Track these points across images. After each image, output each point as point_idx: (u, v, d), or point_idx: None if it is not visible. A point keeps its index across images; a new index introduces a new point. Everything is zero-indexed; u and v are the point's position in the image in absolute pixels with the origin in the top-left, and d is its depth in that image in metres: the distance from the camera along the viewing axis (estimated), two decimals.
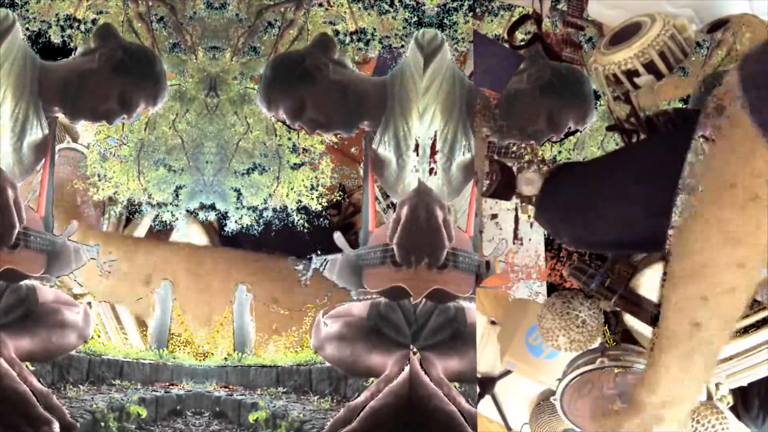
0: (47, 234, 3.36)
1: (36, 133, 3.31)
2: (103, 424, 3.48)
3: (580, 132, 3.51)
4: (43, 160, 3.39)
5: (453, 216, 3.46)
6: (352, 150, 3.91)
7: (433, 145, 3.34)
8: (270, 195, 3.62)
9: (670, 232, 1.92)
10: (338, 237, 3.46)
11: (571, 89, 3.38)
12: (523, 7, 3.51)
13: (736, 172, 1.58)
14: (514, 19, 3.53)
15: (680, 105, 2.86)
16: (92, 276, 3.91)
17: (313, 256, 3.53)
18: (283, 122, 3.42)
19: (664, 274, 1.80)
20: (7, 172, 3.24)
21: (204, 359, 4.18)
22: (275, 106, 3.36)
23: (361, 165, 3.59)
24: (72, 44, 3.53)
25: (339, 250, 3.47)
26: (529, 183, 2.88)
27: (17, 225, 3.21)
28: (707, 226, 1.63)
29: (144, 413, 3.69)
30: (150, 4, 3.50)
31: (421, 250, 3.28)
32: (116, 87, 3.31)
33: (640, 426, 1.79)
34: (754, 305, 2.53)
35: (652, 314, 2.45)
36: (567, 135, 3.45)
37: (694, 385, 1.77)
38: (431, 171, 3.33)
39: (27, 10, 3.49)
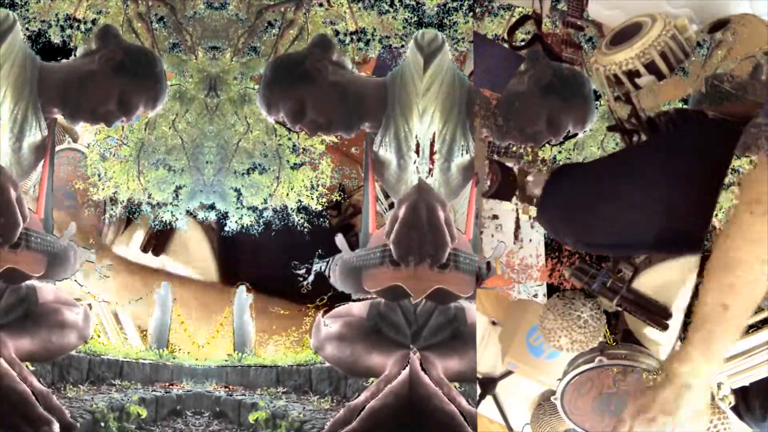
0: (48, 235, 3.36)
1: (35, 134, 3.30)
2: (103, 424, 3.48)
3: (579, 135, 3.51)
4: (42, 162, 3.39)
5: (453, 217, 3.46)
6: (353, 150, 3.91)
7: (432, 146, 3.34)
8: (270, 195, 3.62)
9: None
10: (340, 239, 3.46)
11: (572, 91, 3.38)
12: (523, 7, 3.52)
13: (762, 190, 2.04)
14: (514, 19, 3.53)
15: (681, 105, 2.86)
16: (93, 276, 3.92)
17: (316, 260, 3.53)
18: (284, 125, 3.42)
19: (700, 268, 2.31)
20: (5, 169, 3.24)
21: (204, 359, 4.18)
22: (275, 109, 3.36)
23: (362, 166, 3.59)
24: (72, 44, 3.52)
25: (339, 251, 3.48)
26: (537, 184, 2.88)
27: (20, 223, 3.21)
28: (739, 229, 2.08)
29: (144, 413, 3.69)
30: (150, 4, 3.49)
31: (422, 248, 3.27)
32: (116, 89, 3.30)
33: (672, 393, 2.15)
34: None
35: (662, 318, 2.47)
36: (566, 138, 3.45)
37: (717, 359, 2.16)
38: (429, 171, 3.33)
39: (27, 10, 3.48)
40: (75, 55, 3.43)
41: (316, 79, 3.35)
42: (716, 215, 2.37)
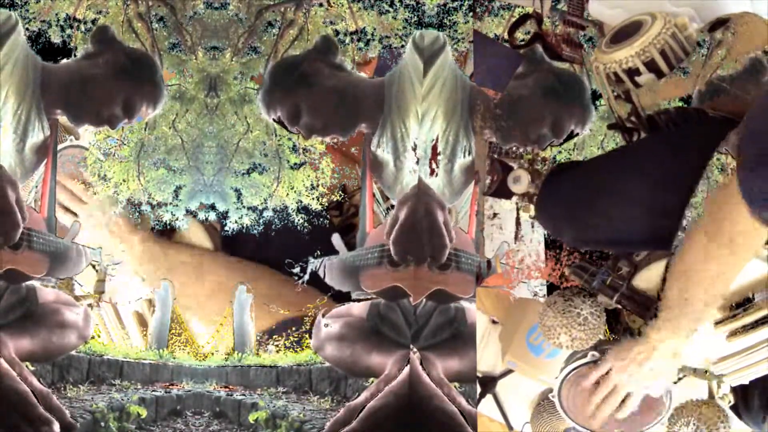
0: (50, 235, 3.36)
1: (38, 134, 3.30)
2: (103, 424, 3.48)
3: (579, 136, 3.51)
4: (45, 162, 3.39)
5: (454, 217, 3.46)
6: (353, 150, 3.91)
7: (435, 148, 3.34)
8: (270, 195, 3.62)
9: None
10: (336, 239, 3.46)
11: (573, 95, 3.39)
12: (523, 7, 3.52)
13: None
14: (514, 19, 3.53)
15: (681, 104, 2.86)
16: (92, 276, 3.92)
17: (310, 258, 3.53)
18: (283, 126, 3.43)
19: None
20: (9, 172, 3.23)
21: (204, 359, 4.18)
22: (274, 111, 3.38)
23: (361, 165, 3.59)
24: (72, 44, 3.52)
25: (338, 251, 3.48)
26: (517, 180, 2.89)
27: (21, 224, 3.20)
28: (694, 250, 2.35)
29: (144, 413, 3.68)
30: (150, 4, 3.49)
31: (421, 249, 3.27)
32: (121, 93, 3.30)
33: (643, 349, 2.48)
34: (749, 304, 2.56)
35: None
36: (567, 139, 3.45)
37: (681, 335, 2.45)
38: (432, 173, 3.33)
39: (27, 10, 3.48)
40: (75, 56, 3.43)
41: (312, 83, 3.36)
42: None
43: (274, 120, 3.43)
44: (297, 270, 3.53)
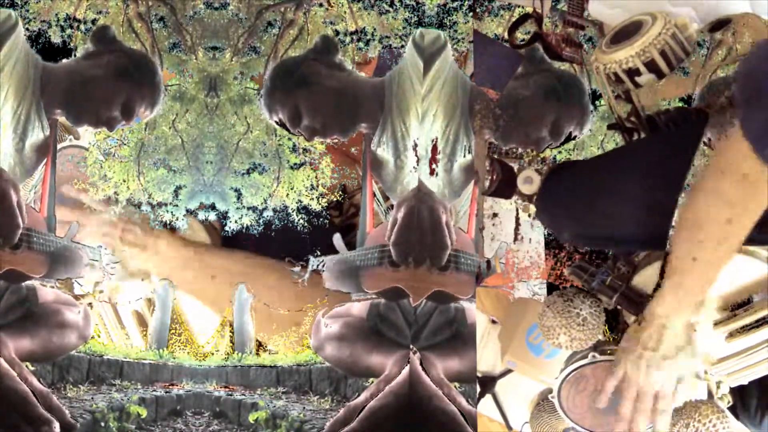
0: (50, 235, 3.36)
1: (37, 134, 3.30)
2: (103, 424, 3.47)
3: (577, 138, 3.51)
4: (45, 161, 3.39)
5: (454, 217, 3.46)
6: (353, 150, 3.91)
7: (435, 147, 3.34)
8: (270, 195, 3.62)
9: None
10: (337, 239, 3.46)
11: (573, 95, 3.38)
12: (523, 7, 3.51)
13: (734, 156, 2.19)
14: (514, 19, 3.53)
15: (681, 104, 2.86)
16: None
17: (310, 257, 3.53)
18: (286, 128, 3.43)
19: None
20: (9, 172, 3.23)
21: (204, 359, 4.18)
22: (275, 114, 3.38)
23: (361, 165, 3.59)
24: (72, 44, 3.52)
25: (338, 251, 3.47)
26: (528, 181, 2.89)
27: (21, 225, 3.21)
28: (704, 193, 2.27)
29: (144, 413, 3.68)
30: (150, 4, 3.49)
31: (422, 250, 3.27)
32: (120, 95, 3.30)
33: (652, 332, 2.38)
34: (748, 305, 2.56)
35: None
36: (565, 141, 3.45)
37: (688, 302, 2.36)
38: (432, 173, 3.33)
39: (27, 10, 3.48)
40: (75, 56, 3.43)
41: (310, 85, 3.36)
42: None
43: (276, 122, 3.43)
44: (297, 269, 3.52)
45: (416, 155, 3.32)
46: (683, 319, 2.39)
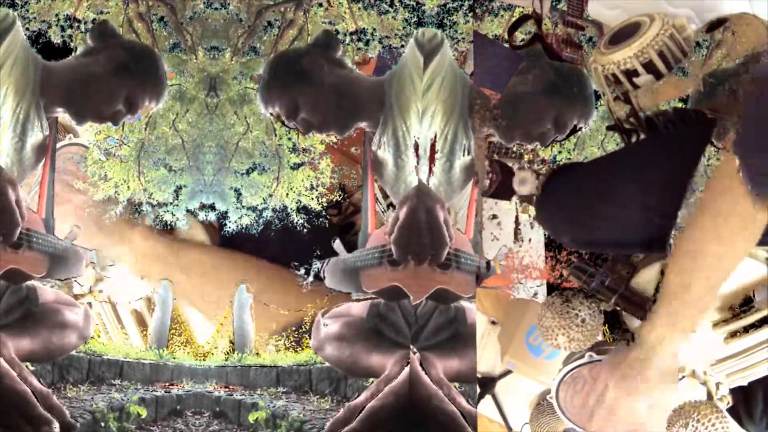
0: (49, 235, 3.36)
1: (37, 133, 3.30)
2: (103, 424, 3.48)
3: (582, 130, 3.50)
4: (43, 161, 3.39)
5: (453, 217, 3.45)
6: (353, 150, 3.91)
7: (433, 146, 3.33)
8: (270, 195, 3.62)
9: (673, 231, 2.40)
10: (337, 244, 3.46)
11: (575, 89, 3.37)
12: (523, 7, 3.51)
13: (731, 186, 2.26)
14: (514, 19, 3.52)
15: (679, 105, 2.86)
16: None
17: (315, 260, 3.53)
18: (280, 120, 3.42)
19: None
20: (7, 171, 3.24)
21: (204, 359, 4.18)
22: (272, 106, 3.37)
23: (362, 166, 3.59)
24: (72, 44, 3.53)
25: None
26: (523, 182, 2.89)
27: (20, 223, 3.21)
28: (703, 222, 2.30)
29: (144, 413, 3.69)
30: (150, 4, 3.50)
31: (422, 249, 3.27)
32: (122, 89, 3.29)
33: (640, 354, 2.41)
34: (748, 306, 2.55)
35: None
36: (570, 133, 3.44)
37: (679, 329, 2.39)
38: (430, 171, 3.32)
39: (27, 10, 3.49)
40: (76, 54, 3.43)
41: (311, 80, 3.34)
42: None
43: (271, 114, 3.42)
44: (302, 272, 3.52)
45: (417, 154, 3.32)
46: (671, 345, 2.46)
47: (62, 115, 3.42)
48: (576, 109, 3.36)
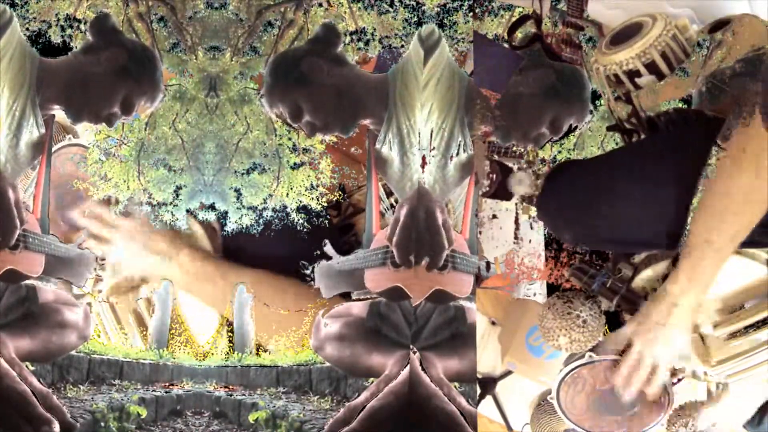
0: (44, 236, 3.35)
1: (32, 131, 3.30)
2: (103, 424, 3.48)
3: (579, 129, 3.51)
4: (39, 161, 3.39)
5: (452, 215, 3.46)
6: (353, 150, 3.91)
7: (429, 141, 3.34)
8: (270, 195, 3.62)
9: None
10: (328, 247, 3.46)
11: (574, 92, 3.38)
12: (523, 7, 3.52)
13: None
14: (514, 19, 3.53)
15: (681, 105, 2.86)
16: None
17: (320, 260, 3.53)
18: (286, 123, 3.43)
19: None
20: (1, 169, 3.23)
21: (204, 359, 4.18)
22: (277, 109, 3.38)
23: (364, 165, 3.59)
24: (72, 44, 3.52)
25: (341, 251, 3.48)
26: (521, 183, 2.90)
27: (18, 226, 3.21)
28: (726, 178, 2.38)
29: (144, 413, 3.68)
30: (150, 4, 3.49)
31: (420, 251, 3.27)
32: (121, 91, 3.30)
33: (663, 307, 2.44)
34: (748, 306, 2.56)
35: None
36: (566, 134, 3.45)
37: (701, 283, 2.45)
38: (423, 165, 3.33)
39: (27, 10, 3.48)
40: (75, 50, 3.42)
41: (312, 82, 3.35)
42: None
43: (276, 115, 3.43)
44: (309, 272, 3.52)
45: (420, 151, 3.32)
46: (693, 299, 2.46)
47: (59, 114, 3.42)
48: (573, 111, 3.37)
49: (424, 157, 3.32)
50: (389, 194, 3.49)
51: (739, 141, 2.36)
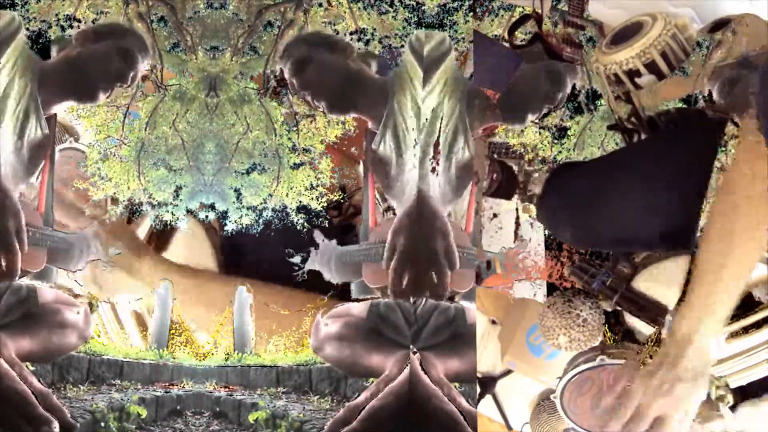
0: (47, 228, 3.37)
1: (36, 132, 3.31)
2: (103, 424, 3.48)
3: (581, 92, 3.52)
4: (43, 162, 3.40)
5: (453, 216, 3.46)
6: (353, 150, 3.91)
7: (436, 144, 3.34)
8: (270, 195, 3.62)
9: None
10: (317, 233, 3.47)
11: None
12: (523, 7, 3.52)
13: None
14: (514, 19, 3.53)
15: (681, 105, 2.86)
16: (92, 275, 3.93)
17: (312, 249, 3.54)
18: (281, 80, 3.45)
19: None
20: (8, 173, 3.25)
21: (204, 359, 4.18)
22: (286, 56, 3.45)
23: (361, 165, 3.59)
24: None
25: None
26: (537, 183, 2.90)
27: (20, 257, 3.25)
28: (734, 203, 2.25)
29: (144, 413, 3.68)
30: (150, 4, 3.49)
31: (420, 283, 3.30)
32: (110, 48, 3.35)
33: (673, 347, 2.27)
34: (749, 306, 2.55)
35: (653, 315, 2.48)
36: (570, 99, 3.45)
37: (716, 312, 2.29)
38: (433, 170, 3.34)
39: (27, 10, 3.48)
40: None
41: (335, 50, 3.39)
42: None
43: (272, 74, 3.45)
44: (298, 260, 3.53)
45: (417, 154, 3.33)
46: (708, 332, 2.29)
47: (59, 114, 3.44)
48: (573, 71, 3.39)
49: (420, 160, 3.33)
50: (384, 199, 3.50)
51: (746, 160, 2.26)
